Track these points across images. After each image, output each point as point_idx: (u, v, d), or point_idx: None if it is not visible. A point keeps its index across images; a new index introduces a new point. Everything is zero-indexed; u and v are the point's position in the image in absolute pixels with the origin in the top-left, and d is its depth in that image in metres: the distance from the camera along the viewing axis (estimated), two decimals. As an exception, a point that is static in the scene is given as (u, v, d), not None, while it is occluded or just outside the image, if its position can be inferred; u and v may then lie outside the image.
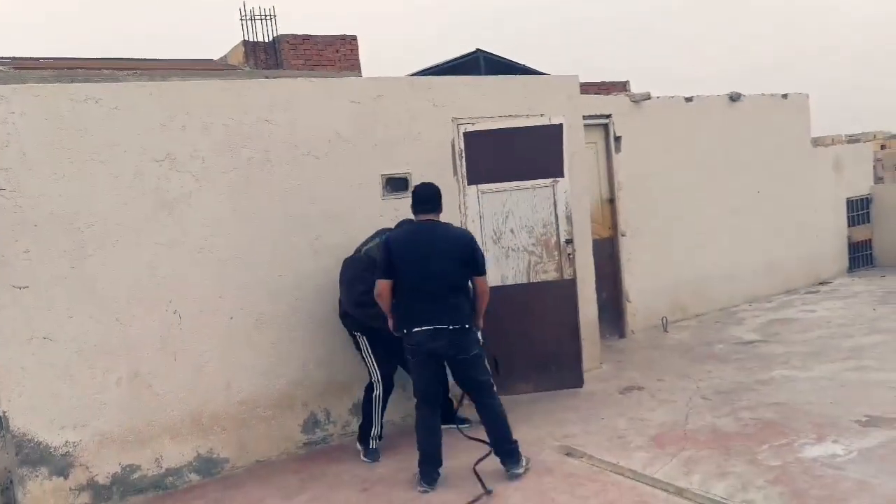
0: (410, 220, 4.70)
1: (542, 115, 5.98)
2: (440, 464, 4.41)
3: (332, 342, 5.21)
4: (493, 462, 4.57)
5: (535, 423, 5.29)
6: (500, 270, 5.89)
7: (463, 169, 5.81)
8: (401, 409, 5.43)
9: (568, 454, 4.69)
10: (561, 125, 5.86)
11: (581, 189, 6.39)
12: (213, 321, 4.85)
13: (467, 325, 4.36)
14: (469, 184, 5.81)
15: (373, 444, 4.96)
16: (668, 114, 8.23)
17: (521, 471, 4.39)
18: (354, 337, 4.99)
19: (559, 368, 5.90)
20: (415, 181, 5.59)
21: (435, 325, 4.31)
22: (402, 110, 5.61)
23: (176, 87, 4.85)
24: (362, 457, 4.93)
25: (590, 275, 6.55)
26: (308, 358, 5.18)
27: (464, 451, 4.58)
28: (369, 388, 4.96)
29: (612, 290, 7.77)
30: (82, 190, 4.46)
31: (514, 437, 4.46)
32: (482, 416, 4.50)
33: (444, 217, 5.80)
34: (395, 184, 5.57)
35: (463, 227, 5.80)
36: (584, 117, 6.80)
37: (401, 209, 5.54)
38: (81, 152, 4.46)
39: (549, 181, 5.88)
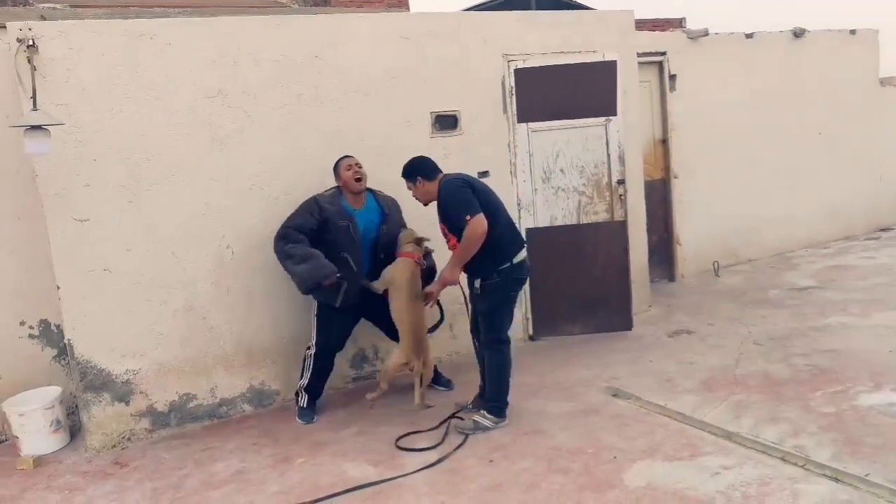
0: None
1: (595, 52, 5.80)
2: None
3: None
4: (536, 400, 4.62)
5: (583, 363, 5.29)
6: (549, 211, 5.83)
7: (513, 106, 5.71)
8: (448, 347, 5.51)
9: (615, 395, 4.69)
10: (615, 62, 5.70)
11: (634, 129, 6.23)
12: (263, 257, 4.90)
13: None
14: (519, 122, 5.72)
15: (301, 398, 4.79)
16: (727, 51, 7.90)
17: (486, 425, 4.27)
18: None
19: (608, 311, 5.86)
20: (464, 119, 5.56)
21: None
22: (452, 47, 5.50)
23: (227, 22, 4.82)
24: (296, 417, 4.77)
25: (641, 217, 6.44)
26: (357, 295, 5.23)
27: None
28: (307, 348, 4.78)
29: (663, 234, 7.65)
30: (138, 125, 4.52)
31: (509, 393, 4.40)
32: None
33: (495, 154, 5.78)
34: (444, 121, 5.50)
35: (512, 165, 5.75)
36: (638, 55, 6.58)
37: (449, 147, 5.51)
38: (137, 88, 4.50)
39: (601, 120, 5.75)
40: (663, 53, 7.43)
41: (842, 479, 3.38)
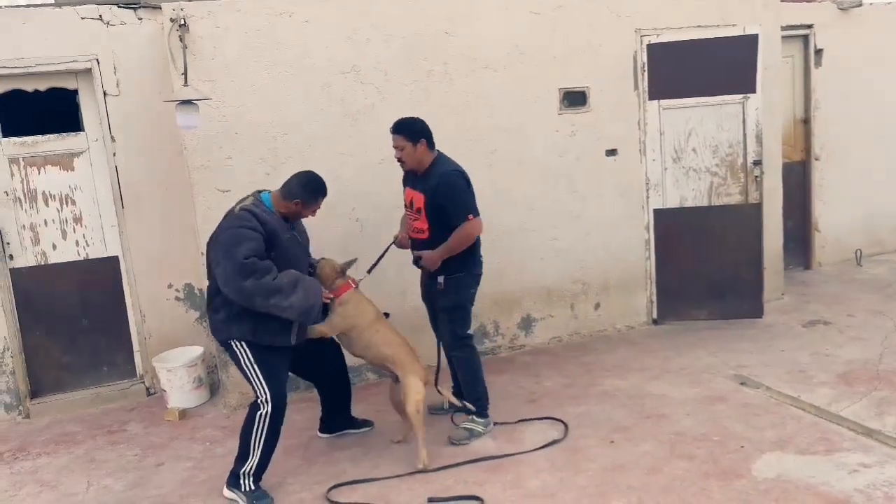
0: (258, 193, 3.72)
1: (734, 26, 5.53)
2: None
3: (502, 255, 5.27)
4: (658, 384, 4.52)
5: (709, 349, 5.12)
6: (679, 191, 5.65)
7: (644, 83, 5.54)
8: (569, 327, 5.47)
9: (743, 383, 4.52)
10: (756, 36, 5.40)
11: (773, 107, 5.91)
12: (390, 232, 5.02)
13: None
14: (650, 99, 5.54)
15: (245, 483, 3.62)
16: (884, 22, 7.27)
17: (479, 431, 4.10)
18: (230, 346, 3.63)
19: (737, 297, 5.62)
20: (592, 95, 5.45)
21: None
22: (583, 21, 5.39)
23: (361, 0, 4.93)
24: None
25: (777, 200, 6.11)
26: (479, 271, 5.26)
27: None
28: (254, 407, 3.63)
29: (800, 219, 7.22)
30: (276, 100, 4.73)
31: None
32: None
33: (624, 132, 5.62)
34: (573, 98, 5.42)
35: (641, 143, 5.59)
36: (782, 28, 6.20)
37: (577, 124, 5.43)
38: (276, 64, 4.71)
39: (738, 97, 5.48)
40: (809, 26, 6.96)
41: None
